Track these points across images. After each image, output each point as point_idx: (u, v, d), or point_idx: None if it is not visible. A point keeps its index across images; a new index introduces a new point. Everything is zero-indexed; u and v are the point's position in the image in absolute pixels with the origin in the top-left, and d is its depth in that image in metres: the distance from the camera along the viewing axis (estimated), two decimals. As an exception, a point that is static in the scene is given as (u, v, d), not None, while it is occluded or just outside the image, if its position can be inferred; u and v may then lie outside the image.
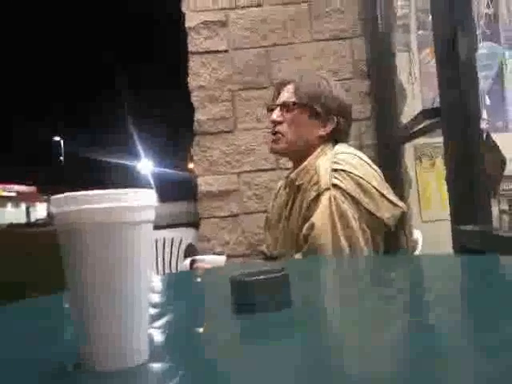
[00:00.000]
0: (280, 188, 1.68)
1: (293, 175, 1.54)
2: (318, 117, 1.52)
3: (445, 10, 1.57)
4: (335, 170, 1.40)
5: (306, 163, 1.51)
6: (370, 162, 1.48)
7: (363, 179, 1.38)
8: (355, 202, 1.36)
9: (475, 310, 0.65)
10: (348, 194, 1.36)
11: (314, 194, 1.41)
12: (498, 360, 0.44)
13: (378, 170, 1.48)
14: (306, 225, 1.39)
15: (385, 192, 1.40)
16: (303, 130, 1.53)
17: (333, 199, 1.36)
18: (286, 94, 1.56)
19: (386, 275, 1.04)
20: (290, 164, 1.66)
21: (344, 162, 1.41)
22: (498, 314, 0.60)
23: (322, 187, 1.39)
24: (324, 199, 1.37)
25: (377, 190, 1.38)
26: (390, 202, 1.39)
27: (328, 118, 1.53)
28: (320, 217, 1.36)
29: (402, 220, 1.42)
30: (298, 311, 0.70)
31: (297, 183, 1.51)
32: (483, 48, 1.52)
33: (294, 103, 1.53)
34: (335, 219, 1.35)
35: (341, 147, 1.52)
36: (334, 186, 1.38)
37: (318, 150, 1.53)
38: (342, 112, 1.54)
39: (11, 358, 0.58)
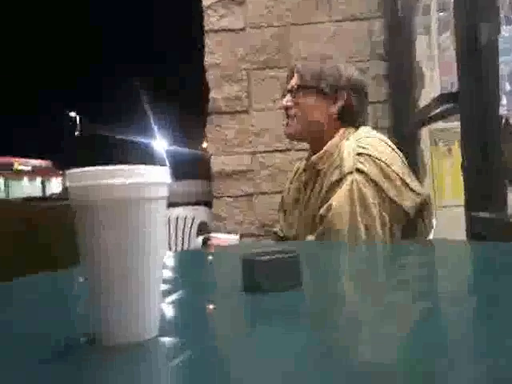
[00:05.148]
0: (298, 170, 1.67)
1: (314, 158, 1.52)
2: (326, 95, 1.51)
3: (467, -8, 1.53)
4: (360, 154, 1.37)
5: (327, 147, 1.49)
6: (394, 146, 1.46)
7: (387, 165, 1.36)
8: (378, 188, 1.34)
9: (481, 299, 0.65)
10: (371, 179, 1.34)
11: (335, 177, 1.39)
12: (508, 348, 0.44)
13: (402, 156, 1.46)
14: (325, 206, 1.38)
15: (408, 179, 1.38)
16: (313, 112, 1.52)
17: (355, 183, 1.34)
18: (294, 79, 1.56)
19: (399, 261, 1.04)
20: (304, 145, 1.65)
21: (369, 146, 1.39)
22: (505, 305, 0.60)
23: (345, 171, 1.37)
24: (346, 183, 1.35)
25: (400, 177, 1.37)
26: (413, 190, 1.38)
27: (336, 95, 1.50)
28: (340, 199, 1.35)
29: (423, 208, 1.41)
30: (307, 293, 0.70)
31: (318, 167, 1.50)
32: (505, 32, 1.48)
33: (299, 86, 1.52)
34: (355, 204, 1.33)
35: (365, 130, 1.50)
36: (358, 170, 1.35)
37: (340, 132, 1.51)
38: (352, 87, 1.51)
39: (24, 333, 0.60)
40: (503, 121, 1.41)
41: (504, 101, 1.46)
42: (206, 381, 0.41)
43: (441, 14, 2.40)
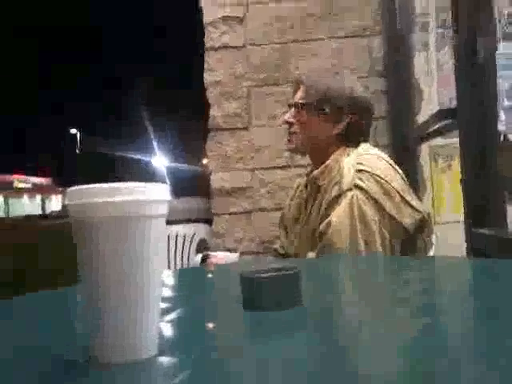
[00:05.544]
0: (299, 186, 1.67)
1: (315, 173, 1.52)
2: (329, 116, 1.51)
3: (465, 10, 1.55)
4: (359, 171, 1.38)
5: (328, 162, 1.50)
6: (393, 163, 1.46)
7: (387, 182, 1.36)
8: (377, 204, 1.34)
9: (484, 315, 0.64)
10: (371, 196, 1.35)
11: (335, 193, 1.39)
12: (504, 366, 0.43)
13: (402, 173, 1.46)
14: (324, 222, 1.38)
15: (407, 197, 1.38)
16: (314, 131, 1.53)
17: (355, 200, 1.34)
18: (299, 94, 1.56)
19: (399, 277, 1.03)
20: (304, 161, 1.65)
21: (369, 163, 1.40)
22: (503, 321, 0.60)
23: (345, 187, 1.37)
24: (346, 199, 1.35)
25: (399, 194, 1.37)
26: (412, 207, 1.38)
27: (339, 117, 1.51)
28: (340, 216, 1.35)
29: (422, 225, 1.40)
30: (308, 310, 0.70)
31: (319, 183, 1.50)
32: (503, 48, 1.50)
33: (303, 104, 1.53)
34: (355, 220, 1.33)
35: (365, 147, 1.50)
36: (357, 186, 1.35)
37: (341, 149, 1.51)
38: (355, 109, 1.51)
39: (24, 350, 0.59)
40: (502, 136, 1.42)
41: (502, 116, 1.47)
42: (206, 401, 0.41)
43: (439, 30, 2.42)
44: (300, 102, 1.54)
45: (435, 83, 2.48)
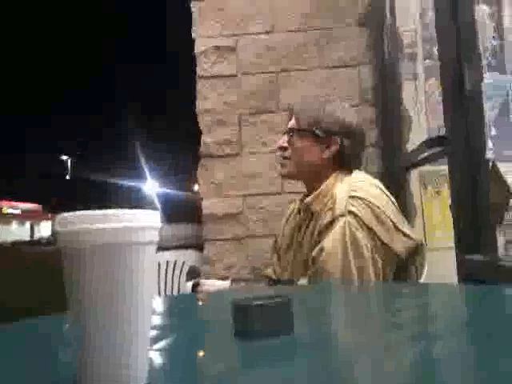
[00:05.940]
0: (292, 212, 1.67)
1: (309, 200, 1.53)
2: (320, 140, 1.53)
3: (451, 41, 1.59)
4: (353, 197, 1.39)
5: (321, 188, 1.51)
6: (386, 191, 1.48)
7: (380, 209, 1.37)
8: (370, 231, 1.35)
9: (476, 342, 0.64)
10: (364, 222, 1.35)
11: (328, 219, 1.40)
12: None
13: (394, 200, 1.47)
14: (317, 248, 1.38)
15: (400, 224, 1.39)
16: (307, 155, 1.55)
17: (347, 226, 1.35)
18: (292, 121, 1.59)
19: (391, 303, 1.03)
20: (296, 188, 1.66)
21: (362, 190, 1.41)
22: (497, 347, 0.59)
23: (337, 213, 1.37)
24: (338, 225, 1.36)
25: (392, 221, 1.37)
26: (405, 234, 1.38)
27: (330, 141, 1.53)
28: (332, 241, 1.35)
29: (415, 252, 1.41)
30: (299, 338, 0.69)
31: (312, 209, 1.51)
32: (489, 78, 1.53)
33: (295, 130, 1.55)
34: (348, 246, 1.33)
35: (358, 174, 1.52)
36: (350, 212, 1.36)
37: (334, 175, 1.52)
38: (346, 133, 1.53)
39: (9, 380, 0.58)
40: (490, 164, 1.44)
41: (490, 145, 1.49)
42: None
43: (427, 61, 2.48)
44: (293, 127, 1.56)
45: (424, 112, 2.53)
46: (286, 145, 1.58)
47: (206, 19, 2.80)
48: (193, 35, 2.81)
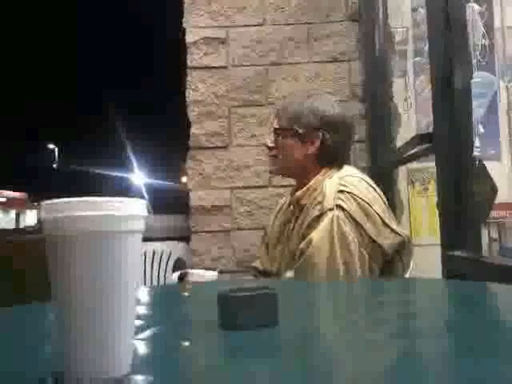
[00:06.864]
0: (283, 205, 1.68)
1: (299, 193, 1.53)
2: (302, 137, 1.53)
3: (441, 40, 1.60)
4: (341, 192, 1.39)
5: (311, 183, 1.51)
6: (375, 186, 1.48)
7: (368, 204, 1.38)
8: (358, 225, 1.36)
9: (458, 338, 0.65)
10: (351, 216, 1.36)
11: (316, 213, 1.40)
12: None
13: (383, 196, 1.48)
14: (304, 241, 1.38)
15: (387, 219, 1.40)
16: (291, 153, 1.55)
17: (335, 220, 1.35)
18: (275, 120, 1.60)
19: (375, 299, 1.03)
20: (284, 181, 1.67)
21: (351, 185, 1.41)
22: (481, 344, 0.60)
23: (326, 207, 1.38)
24: (326, 219, 1.37)
25: (380, 216, 1.38)
26: (392, 229, 1.39)
27: (312, 136, 1.52)
28: (320, 235, 1.36)
29: (401, 248, 1.42)
30: (284, 330, 0.70)
31: (302, 202, 1.51)
32: (478, 77, 1.54)
33: (277, 129, 1.57)
34: (335, 240, 1.34)
35: (348, 170, 1.52)
36: (338, 207, 1.37)
37: (323, 171, 1.53)
38: (328, 126, 1.51)
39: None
40: (477, 162, 1.45)
41: (477, 143, 1.50)
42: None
43: (417, 58, 2.49)
44: (275, 127, 1.58)
45: (413, 108, 2.54)
46: (272, 145, 1.60)
47: (198, 10, 2.78)
48: (184, 25, 2.79)
